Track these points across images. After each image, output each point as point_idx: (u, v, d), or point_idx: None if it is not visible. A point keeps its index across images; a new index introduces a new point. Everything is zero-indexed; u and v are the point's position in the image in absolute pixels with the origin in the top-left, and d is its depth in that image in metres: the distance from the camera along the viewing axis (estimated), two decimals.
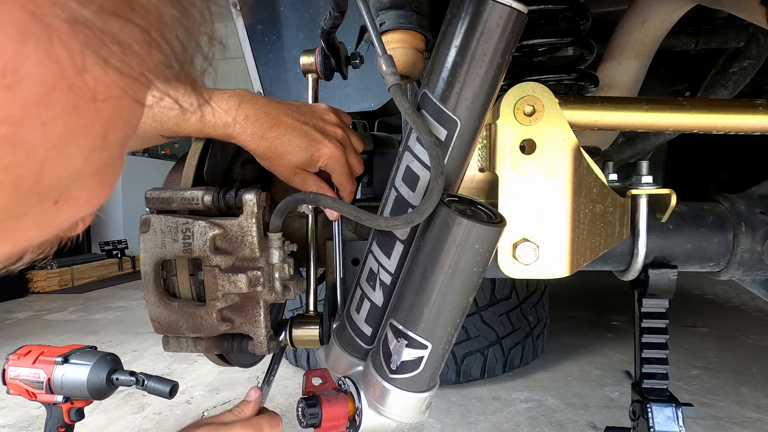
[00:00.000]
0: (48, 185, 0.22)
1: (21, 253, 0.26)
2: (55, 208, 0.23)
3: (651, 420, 0.88)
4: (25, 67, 0.19)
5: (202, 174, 0.81)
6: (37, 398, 1.26)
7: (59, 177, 0.22)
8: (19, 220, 0.22)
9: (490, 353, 2.39)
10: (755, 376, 2.47)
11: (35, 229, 0.24)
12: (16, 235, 0.23)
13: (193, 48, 0.24)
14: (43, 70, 0.19)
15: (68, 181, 0.23)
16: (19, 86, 0.19)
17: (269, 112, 0.78)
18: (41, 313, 4.09)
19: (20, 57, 0.18)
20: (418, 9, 0.97)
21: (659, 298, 0.92)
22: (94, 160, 0.23)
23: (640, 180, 0.86)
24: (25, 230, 0.23)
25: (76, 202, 0.24)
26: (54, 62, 0.19)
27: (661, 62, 1.37)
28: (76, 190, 0.24)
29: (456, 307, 0.67)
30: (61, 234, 0.28)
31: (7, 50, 0.18)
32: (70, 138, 0.21)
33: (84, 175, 0.24)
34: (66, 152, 0.22)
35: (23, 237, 0.24)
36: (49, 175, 0.22)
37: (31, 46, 0.18)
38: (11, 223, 0.22)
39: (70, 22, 0.19)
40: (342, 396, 0.76)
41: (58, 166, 0.22)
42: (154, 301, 0.77)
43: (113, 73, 0.21)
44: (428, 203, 0.62)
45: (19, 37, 0.18)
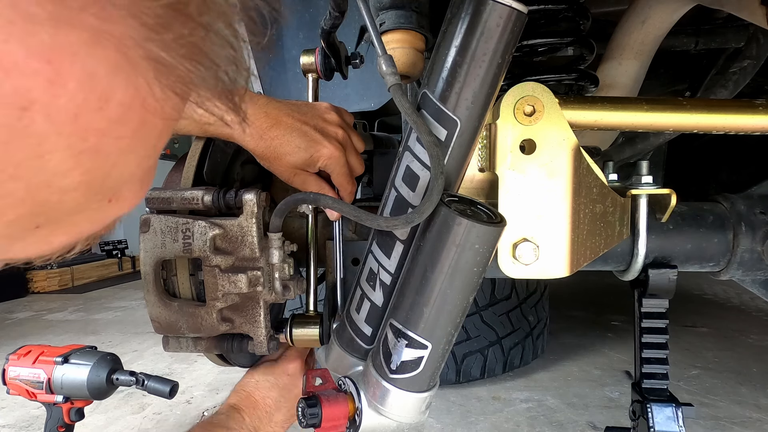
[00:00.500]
0: (109, 185, 0.27)
1: (74, 244, 0.30)
2: (109, 206, 0.28)
3: (651, 420, 0.88)
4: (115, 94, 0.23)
5: (202, 174, 0.81)
6: (37, 398, 1.26)
7: (119, 179, 0.27)
8: (80, 214, 0.27)
9: (490, 353, 2.39)
10: (755, 376, 2.47)
11: (89, 224, 0.28)
12: (75, 228, 0.28)
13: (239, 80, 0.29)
14: (127, 95, 0.24)
15: (122, 183, 0.28)
16: (107, 107, 0.23)
17: (269, 112, 0.78)
18: (41, 313, 4.09)
19: (113, 87, 0.23)
20: (418, 9, 0.97)
21: (659, 298, 0.92)
22: (144, 165, 0.28)
23: (640, 180, 0.86)
24: (82, 224, 0.28)
25: (123, 201, 0.29)
26: (134, 89, 0.24)
27: (661, 62, 1.37)
28: (126, 190, 0.28)
29: (456, 307, 0.67)
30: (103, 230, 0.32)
31: (104, 81, 0.23)
32: (134, 147, 0.26)
33: (135, 177, 0.29)
34: (129, 159, 0.26)
35: (79, 230, 0.28)
36: (114, 177, 0.26)
37: (120, 78, 0.23)
38: (76, 216, 0.26)
39: (151, 60, 0.24)
40: (342, 396, 0.76)
41: (121, 169, 0.26)
42: (154, 301, 0.77)
43: (177, 99, 0.26)
44: (428, 203, 0.62)
45: (113, 71, 0.23)
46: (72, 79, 0.22)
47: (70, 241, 0.28)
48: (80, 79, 0.22)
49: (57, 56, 0.21)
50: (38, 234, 0.26)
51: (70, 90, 0.22)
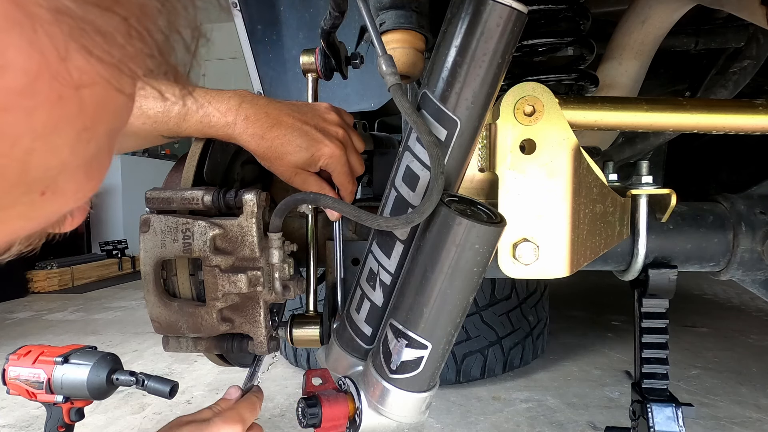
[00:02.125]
0: (34, 176, 0.22)
1: (8, 245, 0.26)
2: (42, 200, 0.24)
3: (651, 420, 0.88)
4: (9, 56, 0.19)
5: (202, 174, 0.81)
6: (37, 398, 1.26)
7: (46, 168, 0.23)
8: (6, 211, 0.23)
9: (490, 353, 2.39)
10: (755, 376, 2.47)
11: (22, 221, 0.24)
12: (2, 226, 0.24)
13: (176, 39, 0.24)
14: (27, 59, 0.19)
15: (55, 173, 0.23)
16: (2, 75, 0.19)
17: (270, 112, 0.78)
18: (41, 313, 4.09)
19: (3, 46, 0.18)
20: (418, 9, 0.97)
21: (659, 298, 0.92)
22: (81, 151, 0.24)
23: (640, 180, 0.86)
24: (11, 221, 0.24)
25: (64, 195, 0.25)
26: (37, 51, 0.19)
27: (661, 62, 1.37)
28: (63, 182, 0.24)
29: (456, 307, 0.67)
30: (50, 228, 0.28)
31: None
32: (55, 128, 0.22)
33: (71, 166, 0.24)
34: (52, 143, 0.22)
35: (9, 228, 0.24)
36: (36, 165, 0.22)
37: (14, 35, 0.18)
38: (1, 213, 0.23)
39: (53, 11, 0.19)
40: (342, 396, 0.76)
41: (44, 157, 0.22)
42: (154, 301, 0.77)
43: (96, 63, 0.21)
44: (428, 203, 0.62)
45: (2, 26, 0.18)
46: None
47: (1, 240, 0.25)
48: None
49: None
50: None
51: None
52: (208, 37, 0.26)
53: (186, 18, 0.24)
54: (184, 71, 0.26)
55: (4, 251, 0.27)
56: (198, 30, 0.25)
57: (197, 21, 0.25)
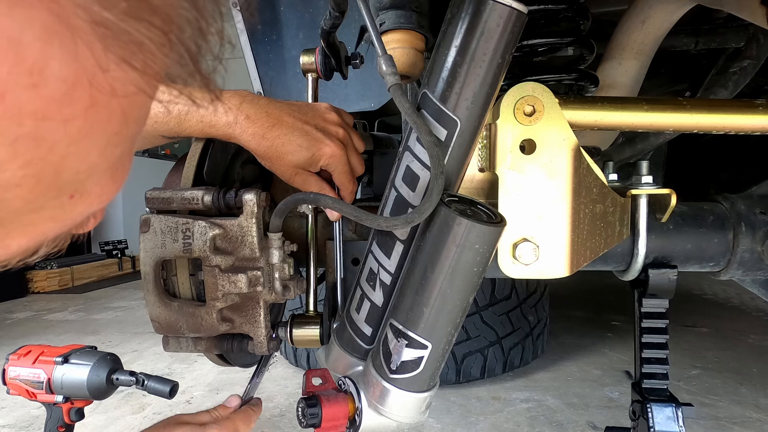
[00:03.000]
0: (66, 179, 0.23)
1: (37, 247, 0.27)
2: (71, 202, 0.24)
3: (651, 420, 0.88)
4: (50, 67, 0.19)
5: (202, 174, 0.81)
6: (37, 398, 1.26)
7: (77, 171, 0.23)
8: (38, 213, 0.23)
9: (490, 353, 2.39)
10: (755, 376, 2.47)
11: (51, 223, 0.25)
12: (34, 228, 0.24)
13: (205, 47, 0.25)
14: (67, 68, 0.20)
15: (84, 176, 0.24)
16: (44, 84, 0.19)
17: (270, 112, 0.78)
18: (41, 313, 4.09)
19: (46, 57, 0.19)
20: (418, 9, 0.97)
21: (659, 298, 0.92)
22: (109, 155, 0.24)
23: (640, 180, 0.86)
24: (42, 224, 0.24)
25: (90, 197, 0.25)
26: (77, 61, 0.20)
27: (661, 62, 1.37)
28: (91, 184, 0.25)
29: (456, 307, 0.67)
30: (74, 229, 0.28)
31: (34, 50, 0.18)
32: (88, 134, 0.22)
33: (99, 170, 0.25)
34: (84, 147, 0.23)
35: (40, 230, 0.25)
36: (68, 169, 0.23)
37: (55, 46, 0.19)
38: (30, 216, 0.23)
39: (92, 23, 0.20)
40: (342, 396, 0.76)
41: (76, 161, 0.23)
42: (154, 301, 0.77)
43: (132, 72, 0.22)
44: (428, 203, 0.62)
45: (44, 38, 0.19)
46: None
47: (32, 243, 0.25)
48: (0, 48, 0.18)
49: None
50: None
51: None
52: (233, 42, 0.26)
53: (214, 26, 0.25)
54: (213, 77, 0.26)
55: (33, 252, 0.27)
56: (224, 36, 0.26)
57: (223, 27, 0.25)
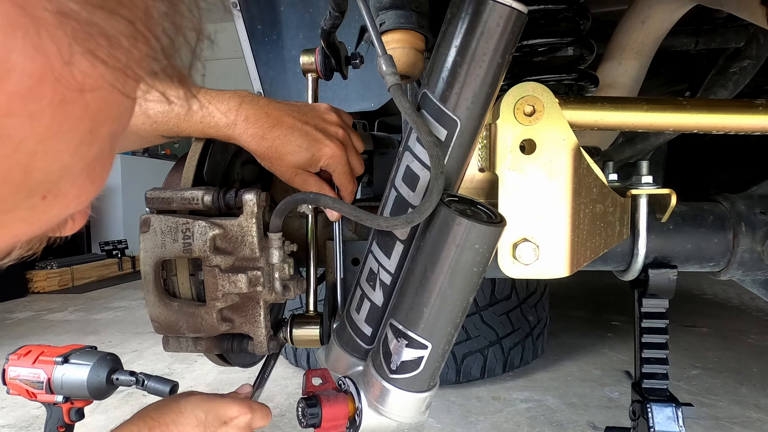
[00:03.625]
0: (36, 180, 0.22)
1: (9, 249, 0.26)
2: (44, 203, 0.23)
3: (651, 420, 0.88)
4: (13, 60, 0.19)
5: (202, 174, 0.81)
6: (37, 398, 1.26)
7: (48, 171, 0.22)
8: (7, 215, 0.22)
9: (490, 353, 2.39)
10: (755, 376, 2.47)
11: (23, 225, 0.24)
12: (5, 230, 0.23)
13: (180, 42, 0.24)
14: (31, 62, 0.19)
15: (57, 176, 0.23)
16: (6, 78, 0.19)
17: (270, 113, 0.78)
18: (41, 313, 4.09)
19: (7, 49, 0.18)
20: (418, 9, 0.97)
21: (659, 298, 0.92)
22: (83, 155, 0.23)
23: (640, 180, 0.86)
24: (12, 225, 0.23)
25: (65, 198, 0.24)
26: (41, 54, 0.19)
27: (661, 62, 1.37)
28: (65, 185, 0.24)
29: (456, 307, 0.67)
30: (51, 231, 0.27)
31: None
32: (58, 132, 0.21)
33: (73, 170, 0.24)
34: (54, 146, 0.22)
35: (11, 232, 0.24)
36: (38, 169, 0.22)
37: (18, 38, 0.18)
38: (2, 218, 0.22)
39: (58, 14, 0.19)
40: (342, 396, 0.76)
41: (46, 160, 0.22)
42: (154, 301, 0.77)
43: (100, 66, 0.21)
44: (428, 203, 0.62)
45: (6, 30, 0.18)
46: None
47: (3, 245, 0.24)
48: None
49: None
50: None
51: None
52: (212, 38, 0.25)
53: (190, 20, 0.24)
54: (188, 74, 0.25)
55: (5, 255, 0.26)
56: (202, 32, 0.25)
57: (201, 23, 0.25)
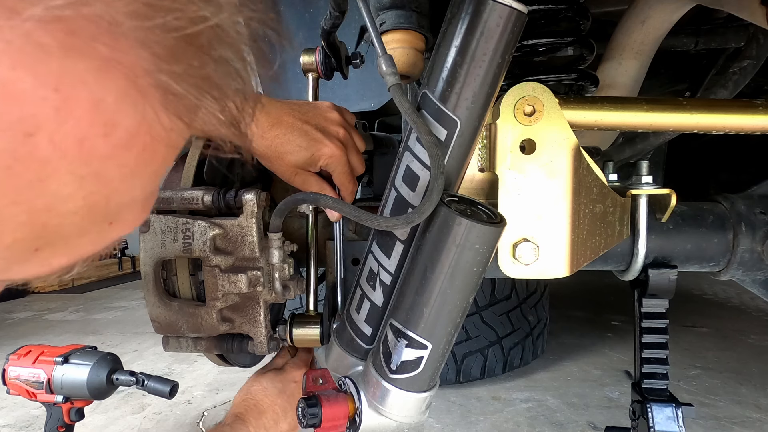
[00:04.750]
0: (110, 210, 0.27)
1: (73, 266, 0.30)
2: (110, 229, 0.28)
3: (651, 420, 0.88)
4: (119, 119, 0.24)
5: (202, 174, 0.81)
6: (37, 398, 1.26)
7: (120, 203, 0.27)
8: (82, 237, 0.27)
9: (490, 353, 2.39)
10: (755, 376, 2.47)
11: (90, 246, 0.28)
12: (76, 250, 0.28)
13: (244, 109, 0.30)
14: (134, 122, 0.24)
15: (125, 207, 0.28)
16: (113, 133, 0.24)
17: (270, 112, 0.78)
18: (41, 313, 4.09)
19: (118, 112, 0.24)
20: (418, 9, 0.97)
21: (659, 298, 0.92)
22: (146, 189, 0.29)
23: (640, 180, 0.86)
24: (84, 246, 0.28)
25: (124, 224, 0.29)
26: (141, 116, 0.24)
27: (661, 62, 1.37)
28: (126, 213, 0.29)
29: (456, 307, 0.67)
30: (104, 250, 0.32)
31: (111, 108, 0.23)
32: (136, 172, 0.26)
33: (136, 202, 0.29)
34: (131, 183, 0.27)
35: (80, 252, 0.28)
36: (115, 201, 0.26)
37: (127, 104, 0.24)
38: (76, 239, 0.27)
39: (160, 89, 0.24)
40: (342, 396, 0.76)
41: (123, 195, 0.27)
42: (154, 301, 0.77)
43: (183, 126, 0.27)
44: (428, 203, 0.62)
45: (120, 99, 0.23)
46: (79, 106, 0.22)
47: (70, 262, 0.29)
48: (87, 106, 0.22)
49: (65, 84, 0.21)
50: (38, 256, 0.26)
51: (77, 116, 0.22)
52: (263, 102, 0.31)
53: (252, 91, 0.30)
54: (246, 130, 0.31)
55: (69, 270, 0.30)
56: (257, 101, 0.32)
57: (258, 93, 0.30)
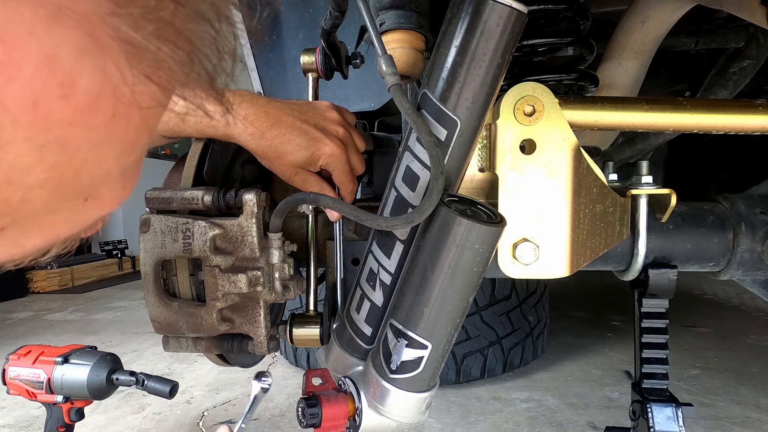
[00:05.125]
0: (83, 184, 0.25)
1: (49, 247, 0.28)
2: (85, 206, 0.26)
3: (651, 420, 0.88)
4: (80, 80, 0.21)
5: (202, 174, 0.81)
6: (37, 398, 1.26)
7: (93, 176, 0.25)
8: (55, 215, 0.25)
9: (490, 353, 2.39)
10: (755, 376, 2.47)
11: (65, 225, 0.27)
12: (50, 229, 0.26)
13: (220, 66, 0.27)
14: (94, 82, 0.22)
15: (99, 181, 0.26)
16: (72, 95, 0.21)
17: (270, 112, 0.78)
18: (41, 313, 4.09)
19: (76, 71, 0.21)
20: (418, 9, 0.97)
21: (659, 298, 0.92)
22: (123, 162, 0.26)
23: (640, 180, 0.86)
24: (57, 225, 0.26)
25: (102, 201, 0.27)
26: (104, 75, 0.22)
27: (661, 62, 1.37)
28: (104, 189, 0.27)
29: (456, 307, 0.67)
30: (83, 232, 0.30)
31: (67, 65, 0.21)
32: (107, 141, 0.24)
33: (112, 175, 0.26)
34: (103, 154, 0.24)
35: (55, 231, 0.26)
36: (86, 174, 0.24)
37: (86, 62, 0.21)
38: (48, 217, 0.25)
39: (121, 41, 0.22)
40: (342, 396, 0.76)
41: (94, 166, 0.24)
42: (154, 301, 0.77)
43: (153, 86, 0.24)
44: (428, 203, 0.62)
45: (76, 55, 0.21)
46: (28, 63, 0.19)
47: (45, 243, 0.27)
48: (38, 62, 0.20)
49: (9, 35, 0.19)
50: (6, 236, 0.24)
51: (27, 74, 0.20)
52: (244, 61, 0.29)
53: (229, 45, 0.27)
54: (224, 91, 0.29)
55: (45, 252, 0.28)
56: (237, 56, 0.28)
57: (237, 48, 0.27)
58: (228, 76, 0.28)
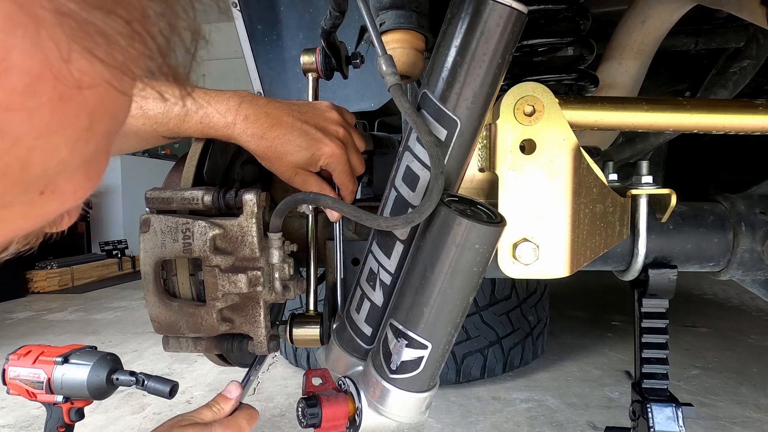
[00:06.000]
0: (34, 175, 0.22)
1: (6, 243, 0.26)
2: (41, 199, 0.24)
3: (651, 420, 0.88)
4: (12, 57, 0.19)
5: (202, 174, 0.81)
6: (37, 398, 1.26)
7: (45, 167, 0.23)
8: (6, 210, 0.23)
9: (490, 353, 2.39)
10: (755, 376, 2.47)
11: (21, 220, 0.24)
12: (3, 225, 0.24)
13: (176, 42, 0.24)
14: (30, 59, 0.19)
15: (54, 172, 0.23)
16: (5, 75, 0.19)
17: (270, 112, 0.78)
18: (41, 313, 4.09)
19: (7, 47, 0.19)
20: (418, 9, 0.97)
21: (659, 298, 0.92)
22: (80, 151, 0.24)
23: (640, 180, 0.86)
24: (11, 220, 0.24)
25: (62, 194, 0.25)
26: (40, 52, 0.20)
27: (661, 62, 1.37)
28: (62, 181, 0.24)
29: (456, 307, 0.67)
30: (48, 227, 0.28)
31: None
32: (56, 128, 0.22)
33: (70, 166, 0.24)
34: (52, 142, 0.22)
35: (9, 227, 0.24)
36: (36, 164, 0.22)
37: (18, 36, 0.19)
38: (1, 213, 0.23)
39: (56, 13, 0.19)
40: (342, 396, 0.76)
41: (44, 156, 0.22)
42: (154, 301, 0.77)
43: (98, 64, 0.22)
44: (428, 203, 0.62)
45: (6, 28, 0.18)
46: None
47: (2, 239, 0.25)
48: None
49: None
50: None
51: None
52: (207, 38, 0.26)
53: (186, 20, 0.24)
54: (184, 73, 0.26)
55: (3, 250, 0.27)
56: (198, 32, 0.25)
57: (197, 23, 0.25)
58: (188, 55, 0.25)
